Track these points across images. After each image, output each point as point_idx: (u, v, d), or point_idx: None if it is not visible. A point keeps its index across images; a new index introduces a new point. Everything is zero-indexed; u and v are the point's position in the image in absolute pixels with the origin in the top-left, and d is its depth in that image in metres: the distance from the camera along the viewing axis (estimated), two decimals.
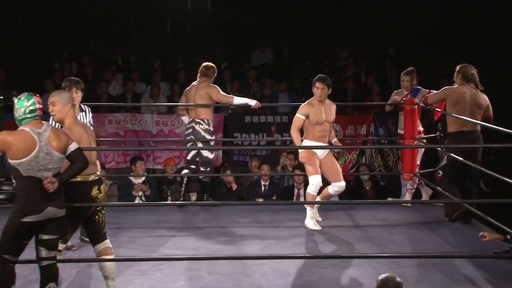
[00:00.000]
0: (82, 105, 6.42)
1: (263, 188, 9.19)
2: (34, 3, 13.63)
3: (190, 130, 8.13)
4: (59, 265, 4.71)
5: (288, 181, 10.00)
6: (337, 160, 9.90)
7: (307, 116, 7.02)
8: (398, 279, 3.89)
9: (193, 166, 8.30)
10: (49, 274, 4.59)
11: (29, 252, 4.60)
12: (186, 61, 12.95)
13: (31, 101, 4.53)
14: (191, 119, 8.17)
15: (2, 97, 7.74)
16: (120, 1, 13.95)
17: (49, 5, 13.46)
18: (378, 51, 13.52)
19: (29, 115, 4.51)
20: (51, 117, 5.16)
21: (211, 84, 8.15)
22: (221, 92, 8.16)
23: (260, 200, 9.05)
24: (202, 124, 8.05)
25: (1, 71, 11.98)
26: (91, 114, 6.51)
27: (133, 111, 10.66)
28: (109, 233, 5.25)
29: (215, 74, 8.28)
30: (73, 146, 4.61)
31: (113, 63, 12.87)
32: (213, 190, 9.38)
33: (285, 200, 9.03)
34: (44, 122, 4.58)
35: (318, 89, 7.01)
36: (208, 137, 8.08)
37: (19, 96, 4.57)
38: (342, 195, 8.85)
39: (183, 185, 8.27)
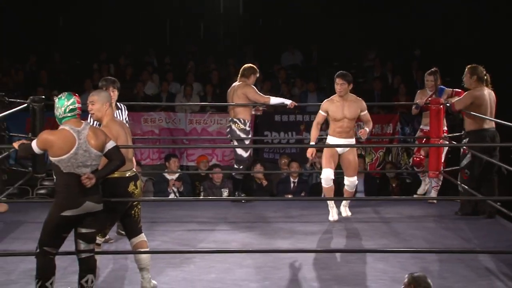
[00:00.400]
0: (118, 104, 6.46)
1: (292, 185, 9.17)
2: (74, 6, 13.75)
3: (228, 129, 8.16)
4: (97, 257, 4.73)
5: (316, 178, 9.95)
6: (364, 157, 9.89)
7: (327, 113, 7.05)
8: (429, 280, 3.85)
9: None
10: (87, 266, 4.62)
11: (68, 244, 4.63)
12: (218, 62, 12.98)
13: (71, 100, 4.56)
14: (230, 118, 8.19)
15: (43, 97, 7.82)
16: (156, 5, 14.01)
17: (89, 8, 13.58)
18: (404, 53, 13.42)
19: (69, 114, 4.54)
20: (90, 116, 5.19)
21: (247, 85, 8.11)
22: (258, 92, 8.13)
23: (289, 196, 9.02)
24: (238, 124, 8.05)
25: (42, 72, 12.11)
26: (126, 112, 6.54)
27: (167, 110, 10.73)
28: (144, 227, 5.27)
29: (255, 75, 8.19)
30: (110, 144, 4.63)
31: (149, 64, 12.94)
32: (244, 186, 9.38)
33: (314, 196, 8.99)
34: (83, 121, 4.61)
35: (338, 84, 7.03)
36: (243, 136, 8.06)
37: (59, 96, 4.60)
38: (369, 191, 8.80)
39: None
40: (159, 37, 14.50)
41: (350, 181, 7.18)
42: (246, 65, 8.30)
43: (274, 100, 8.18)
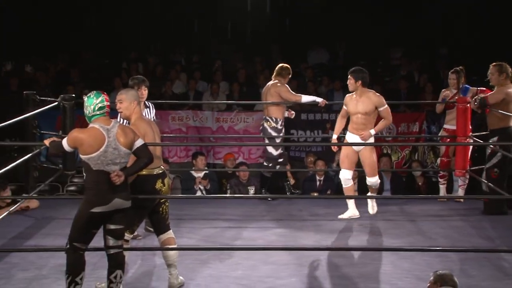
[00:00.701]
0: (146, 102, 6.50)
1: (318, 183, 9.16)
2: (105, 5, 13.87)
3: (261, 127, 8.20)
4: (125, 253, 4.77)
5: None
6: (391, 156, 9.83)
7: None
8: (455, 278, 3.82)
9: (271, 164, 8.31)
10: (116, 261, 4.66)
11: (97, 240, 4.68)
12: (245, 61, 12.99)
13: (100, 98, 4.60)
14: (264, 117, 8.21)
15: (74, 95, 7.90)
16: (184, 5, 14.07)
17: (118, 8, 13.69)
18: (431, 51, 13.33)
19: (98, 112, 4.58)
20: (119, 114, 5.23)
21: (281, 84, 8.10)
22: (290, 91, 8.13)
23: (315, 194, 9.01)
24: (270, 122, 8.08)
25: (73, 70, 12.23)
26: (154, 111, 6.59)
27: (195, 109, 10.77)
28: (172, 224, 5.30)
29: (288, 74, 8.22)
30: (139, 142, 4.67)
31: (177, 63, 13.00)
32: (271, 184, 9.39)
33: (339, 195, 8.96)
34: (112, 119, 4.65)
35: (348, 80, 7.10)
36: (274, 134, 8.06)
37: (88, 94, 4.64)
38: (395, 190, 8.76)
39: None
40: (187, 36, 14.56)
41: (369, 181, 7.19)
42: (283, 65, 8.30)
43: (306, 99, 8.20)
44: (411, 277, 5.39)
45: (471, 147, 7.88)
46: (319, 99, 8.19)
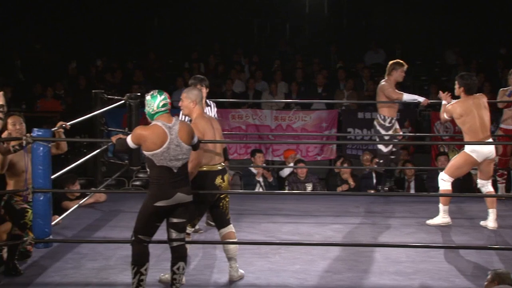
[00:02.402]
0: (207, 101, 6.53)
1: (375, 181, 9.05)
2: (168, 8, 14.04)
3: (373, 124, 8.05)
4: (187, 246, 4.81)
5: (400, 174, 9.78)
6: (448, 154, 9.64)
7: None
8: None
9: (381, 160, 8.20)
10: (178, 254, 4.70)
11: (161, 233, 4.73)
12: (303, 61, 12.96)
13: (162, 96, 4.65)
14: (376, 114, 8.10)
15: (139, 94, 8.01)
16: (245, 6, 14.12)
17: (181, 10, 13.83)
18: (489, 51, 13.02)
19: (162, 109, 4.62)
20: (181, 112, 5.28)
21: (386, 81, 7.88)
22: (391, 89, 7.78)
23: (372, 191, 8.91)
24: (378, 119, 7.92)
25: (138, 70, 12.41)
26: (215, 109, 6.61)
27: (254, 107, 10.79)
28: (232, 218, 5.32)
29: (397, 70, 7.80)
30: (195, 140, 4.71)
31: (237, 63, 13.05)
32: (327, 181, 9.35)
33: (396, 192, 8.85)
34: (173, 117, 4.68)
35: None
36: (382, 131, 7.89)
37: (151, 93, 4.69)
38: (453, 188, 8.58)
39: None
40: (248, 37, 14.61)
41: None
42: (390, 62, 8.05)
43: (407, 97, 7.83)
44: (468, 274, 5.28)
45: None
46: (421, 98, 7.76)
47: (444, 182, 6.64)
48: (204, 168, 5.01)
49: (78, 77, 12.00)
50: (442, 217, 6.73)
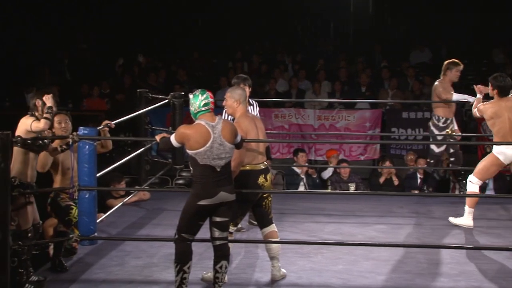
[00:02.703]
0: (250, 100, 6.54)
1: (419, 181, 8.95)
2: (212, 7, 14.12)
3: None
4: (229, 245, 4.83)
5: (445, 174, 9.64)
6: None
7: None
8: None
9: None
10: (221, 252, 4.72)
11: (204, 232, 4.75)
12: (347, 60, 12.88)
13: (205, 95, 4.67)
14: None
15: (183, 93, 8.07)
16: (289, 5, 14.11)
17: (225, 9, 13.90)
18: None
19: (203, 108, 4.65)
20: (224, 111, 5.29)
21: (438, 81, 7.72)
22: (442, 88, 7.64)
23: (416, 192, 8.81)
24: (433, 120, 7.83)
25: (181, 70, 12.51)
26: (258, 108, 6.61)
27: (297, 106, 10.77)
28: (275, 217, 5.32)
29: (451, 70, 7.67)
30: (238, 139, 4.72)
31: (281, 63, 13.05)
32: (370, 181, 9.28)
33: (441, 193, 8.72)
34: (216, 116, 4.70)
35: None
36: (435, 131, 7.80)
37: (194, 92, 4.71)
38: (499, 189, 8.43)
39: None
40: (291, 36, 14.60)
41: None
42: (446, 61, 7.90)
43: (457, 97, 7.68)
44: None
45: None
46: (471, 98, 7.51)
47: (472, 184, 6.58)
48: (247, 167, 5.02)
49: (123, 76, 12.16)
50: (466, 219, 6.66)
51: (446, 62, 7.77)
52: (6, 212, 4.64)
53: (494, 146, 6.56)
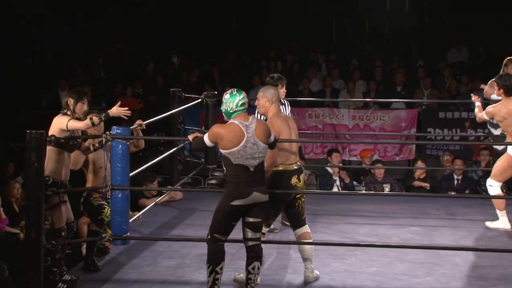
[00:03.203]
0: (282, 99, 6.51)
1: (455, 182, 8.83)
2: (246, 6, 14.12)
3: None
4: (262, 245, 4.81)
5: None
6: None
7: None
8: None
9: None
10: (253, 253, 4.70)
11: (236, 232, 4.74)
12: (383, 59, 12.76)
13: (242, 95, 4.65)
14: None
15: (216, 92, 8.08)
16: (323, 4, 14.03)
17: (259, 8, 13.89)
18: None
19: (240, 108, 4.63)
20: (256, 110, 5.28)
21: (491, 80, 7.61)
22: (488, 86, 7.39)
23: (452, 193, 8.70)
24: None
25: (214, 69, 12.53)
26: (290, 108, 6.58)
27: (331, 106, 10.71)
28: (308, 218, 5.29)
29: (505, 67, 7.33)
30: (271, 139, 4.70)
31: (314, 62, 12.99)
32: (405, 182, 9.18)
33: (479, 195, 8.58)
34: (249, 115, 4.68)
35: None
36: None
37: (230, 91, 4.69)
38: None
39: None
40: (325, 35, 14.52)
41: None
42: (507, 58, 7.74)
43: (495, 97, 7.57)
44: None
45: None
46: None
47: (493, 188, 6.55)
48: (280, 168, 5.00)
49: (156, 76, 12.24)
50: (502, 222, 6.59)
51: (506, 58, 7.54)
52: (40, 211, 4.69)
53: (509, 146, 6.51)
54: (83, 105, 5.08)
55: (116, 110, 5.19)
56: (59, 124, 4.99)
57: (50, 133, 4.98)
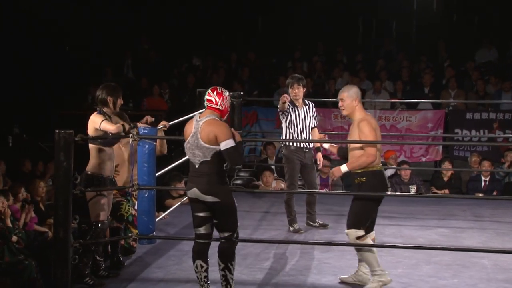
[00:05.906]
0: (305, 100, 6.51)
1: (483, 183, 8.75)
2: (272, 8, 14.13)
3: None
4: (287, 246, 4.80)
5: (510, 177, 9.40)
6: None
7: None
8: None
9: None
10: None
11: (261, 233, 4.74)
12: (409, 59, 12.68)
13: (206, 94, 4.65)
14: None
15: (241, 93, 8.09)
16: (348, 4, 13.99)
17: (285, 10, 13.89)
18: None
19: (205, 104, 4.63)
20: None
21: None
22: None
23: (480, 195, 8.61)
24: None
25: (241, 70, 12.54)
26: (314, 109, 6.58)
27: None
28: (333, 219, 5.31)
29: None
30: (222, 144, 4.57)
31: (340, 62, 12.95)
32: (432, 183, 9.11)
33: (507, 196, 8.49)
34: (212, 114, 4.61)
35: None
36: None
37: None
38: None
39: None
40: (351, 35, 14.46)
41: None
42: None
43: None
44: None
45: None
46: None
47: None
48: (378, 167, 4.93)
49: (183, 76, 12.29)
50: None
51: None
52: (67, 210, 4.72)
53: None
54: (121, 100, 5.15)
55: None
56: (94, 123, 5.03)
57: (88, 131, 5.04)
